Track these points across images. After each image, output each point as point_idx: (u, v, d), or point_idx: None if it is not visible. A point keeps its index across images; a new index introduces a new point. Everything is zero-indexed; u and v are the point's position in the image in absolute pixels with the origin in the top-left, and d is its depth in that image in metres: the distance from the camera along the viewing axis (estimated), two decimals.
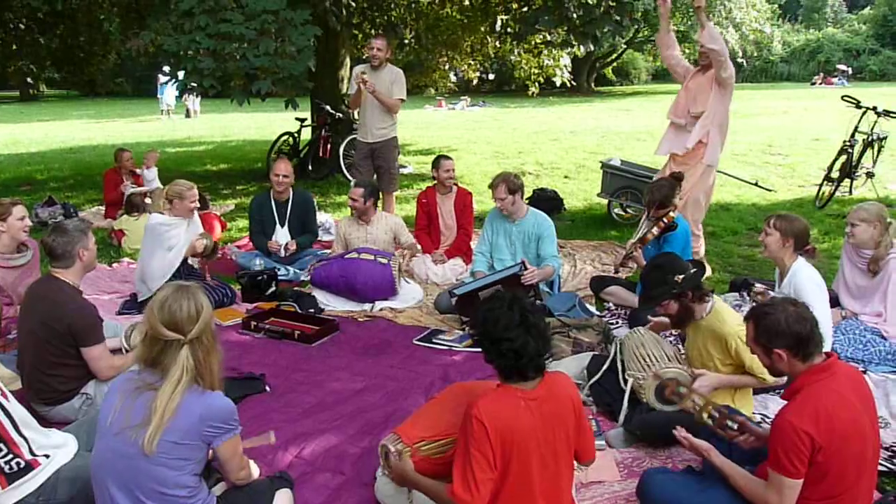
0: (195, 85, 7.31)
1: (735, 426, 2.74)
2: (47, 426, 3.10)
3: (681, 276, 3.29)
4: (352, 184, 5.97)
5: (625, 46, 33.95)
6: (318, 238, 6.80)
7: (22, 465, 2.77)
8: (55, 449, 2.91)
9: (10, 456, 2.75)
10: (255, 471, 2.72)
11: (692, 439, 2.77)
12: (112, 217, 8.05)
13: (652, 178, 7.13)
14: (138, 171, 8.37)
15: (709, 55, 5.48)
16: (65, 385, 3.57)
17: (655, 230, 4.80)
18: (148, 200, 7.62)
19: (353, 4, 11.43)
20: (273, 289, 5.65)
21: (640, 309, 4.29)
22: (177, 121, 23.20)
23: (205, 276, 5.70)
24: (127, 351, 3.85)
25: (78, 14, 11.66)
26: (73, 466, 2.85)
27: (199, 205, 5.56)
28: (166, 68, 7.65)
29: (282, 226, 6.28)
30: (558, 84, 14.10)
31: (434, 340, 4.70)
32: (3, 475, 2.74)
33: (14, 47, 12.14)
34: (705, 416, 2.81)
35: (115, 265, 6.65)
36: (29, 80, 20.41)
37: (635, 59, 38.74)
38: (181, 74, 7.44)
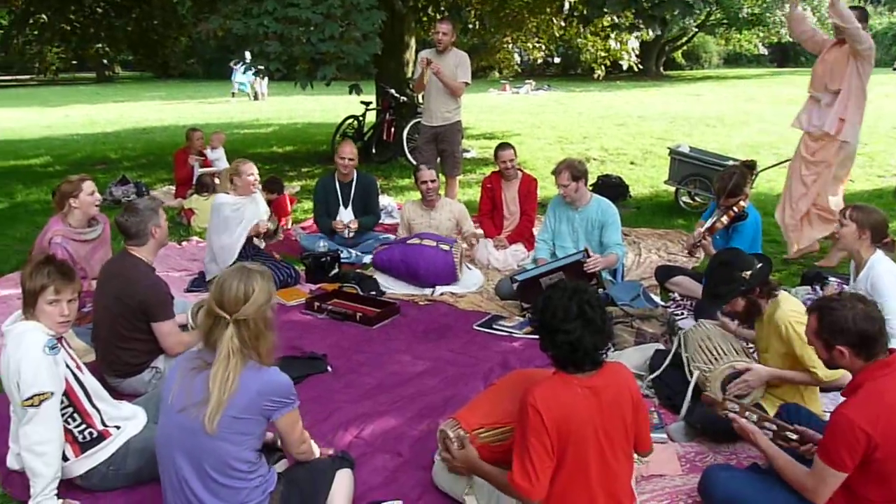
0: (262, 68, 7.42)
1: (795, 437, 2.66)
2: (118, 398, 3.22)
3: (748, 273, 3.20)
4: (421, 167, 5.95)
5: (696, 29, 33.02)
6: (381, 221, 6.87)
7: (94, 435, 2.90)
8: (125, 420, 3.03)
9: (84, 426, 2.87)
10: (315, 450, 2.77)
11: (740, 420, 2.72)
12: (182, 196, 8.28)
13: (722, 165, 6.97)
14: (206, 151, 8.58)
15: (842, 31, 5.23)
16: (136, 358, 3.69)
17: (725, 219, 4.67)
18: (217, 181, 7.81)
19: None
20: (336, 270, 5.72)
21: (706, 305, 4.18)
22: (246, 102, 23.69)
23: (272, 255, 5.81)
24: (193, 328, 3.95)
25: None
26: (142, 438, 2.97)
27: (258, 181, 5.66)
28: (247, 54, 7.77)
29: (345, 207, 6.34)
30: (625, 68, 13.83)
31: (494, 326, 4.69)
32: (77, 444, 2.87)
33: (92, 31, 12.56)
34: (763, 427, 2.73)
35: (184, 244, 6.84)
36: (105, 62, 21.09)
37: (706, 42, 37.68)
38: (248, 56, 7.56)
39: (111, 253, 4.79)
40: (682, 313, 4.84)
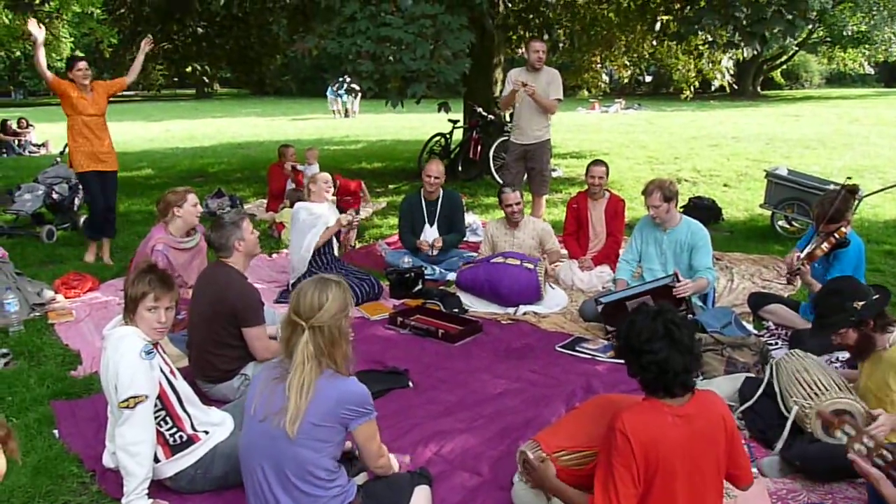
0: (355, 87, 7.61)
1: None
2: (208, 404, 3.33)
3: (860, 303, 3.05)
4: (505, 189, 5.97)
5: (796, 48, 31.89)
6: (465, 238, 6.90)
7: (184, 439, 3.00)
8: (214, 426, 3.12)
9: (175, 429, 2.98)
10: (394, 464, 2.79)
11: (862, 463, 2.55)
12: (274, 210, 8.55)
13: (822, 189, 6.70)
14: (300, 167, 8.85)
15: None
16: (227, 364, 3.81)
17: (825, 246, 4.47)
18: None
19: (510, 5, 11.48)
20: (419, 287, 5.78)
21: (813, 336, 3.99)
22: (339, 119, 24.32)
23: (349, 264, 5.97)
24: None
25: (250, 17, 12.55)
26: (230, 444, 3.05)
27: (333, 190, 5.89)
28: (348, 78, 8.01)
29: (430, 225, 6.41)
30: (715, 87, 13.49)
31: (577, 348, 4.63)
32: (168, 446, 2.98)
33: (193, 49, 13.20)
34: (876, 459, 2.55)
35: (274, 256, 7.05)
36: (204, 79, 22.13)
37: (807, 61, 36.38)
38: (345, 77, 7.77)
39: (206, 262, 5.00)
40: (777, 343, 4.66)
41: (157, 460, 2.94)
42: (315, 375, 2.44)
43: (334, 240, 5.88)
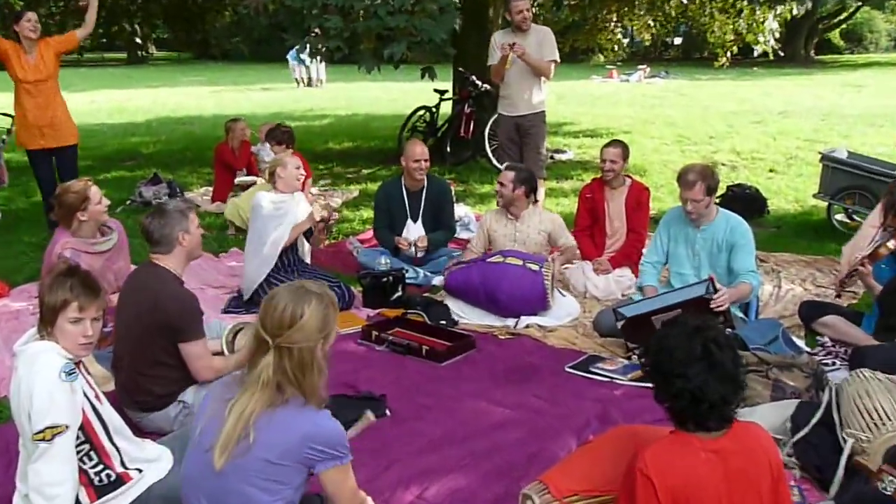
0: (320, 48, 7.59)
1: None
2: (140, 436, 3.32)
3: None
4: (502, 168, 6.03)
5: (859, 3, 32.05)
6: (456, 235, 6.93)
7: (112, 478, 2.98)
8: (148, 463, 3.11)
9: (101, 467, 2.96)
10: None
11: None
12: (222, 200, 8.54)
13: (891, 176, 6.73)
14: (253, 148, 8.83)
15: None
16: (162, 388, 3.81)
17: (892, 244, 4.52)
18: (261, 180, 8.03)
19: None
20: (399, 293, 5.79)
21: (878, 341, 4.03)
22: (302, 89, 24.28)
23: (315, 268, 6.00)
24: (230, 355, 4.05)
25: None
26: (167, 484, 3.04)
27: (303, 176, 5.91)
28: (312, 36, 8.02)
29: (413, 220, 6.44)
30: (757, 53, 13.54)
31: (591, 369, 4.65)
32: (93, 487, 2.95)
33: (122, 2, 13.05)
34: None
35: (222, 256, 7.06)
36: (137, 40, 22.02)
37: (873, 19, 36.52)
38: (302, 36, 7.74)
39: (130, 264, 4.98)
40: (834, 363, 4.67)
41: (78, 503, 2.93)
42: (264, 404, 2.43)
43: (303, 240, 5.93)
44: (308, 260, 6.09)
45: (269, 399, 2.44)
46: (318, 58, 10.39)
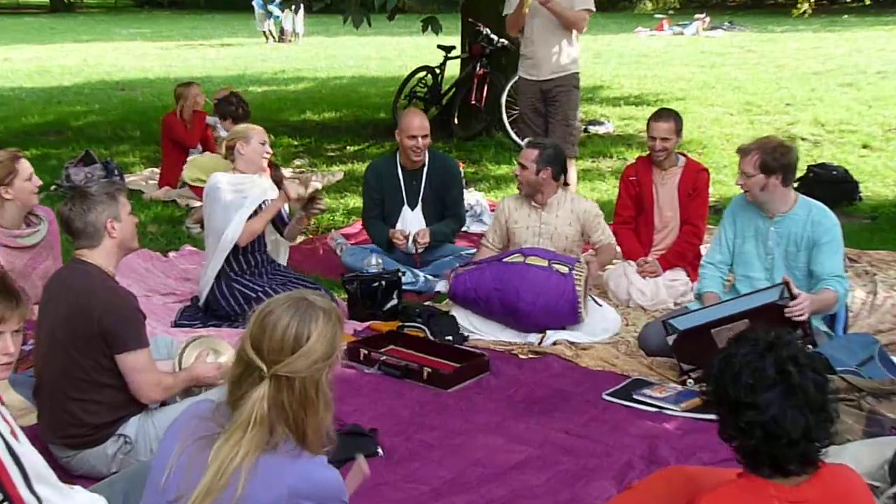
0: None
1: None
2: (68, 481, 3.29)
3: None
4: (523, 144, 6.02)
5: None
6: (465, 228, 6.96)
7: None
8: None
9: None
10: None
11: None
12: (170, 185, 8.54)
13: None
14: (210, 119, 8.82)
15: None
16: (96, 417, 3.77)
17: None
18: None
19: None
20: (394, 302, 5.81)
21: None
22: (272, 45, 24.30)
23: (289, 270, 6.00)
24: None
25: None
26: None
27: (269, 154, 5.90)
28: None
29: (412, 207, 6.46)
30: None
31: (636, 397, 4.64)
32: None
33: None
34: None
35: (172, 255, 7.06)
36: None
37: None
38: None
39: (62, 263, 4.97)
40: None
41: None
42: (259, 448, 2.40)
43: (276, 237, 5.97)
44: (283, 261, 6.10)
45: (260, 442, 2.41)
46: (293, 7, 10.36)
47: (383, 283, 5.81)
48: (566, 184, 6.09)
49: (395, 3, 7.37)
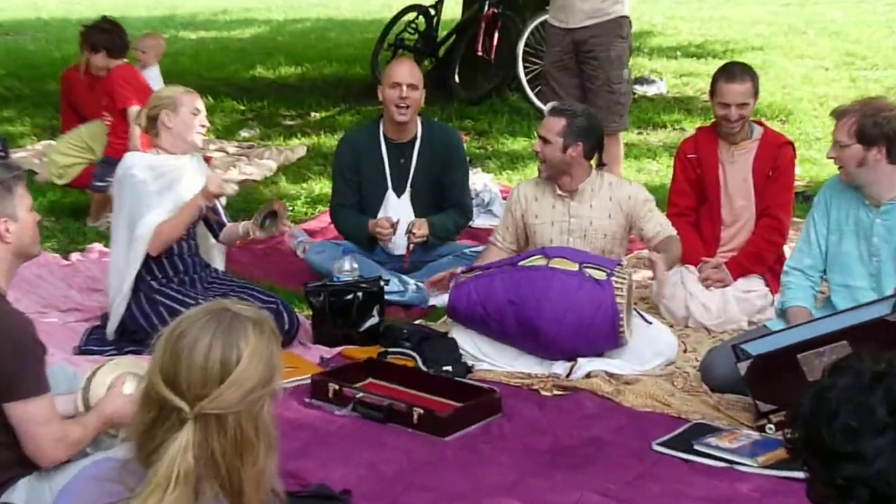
0: None
1: None
2: None
3: None
4: (545, 110, 6.01)
5: None
6: (471, 221, 6.98)
7: None
8: None
9: None
10: None
11: None
12: None
13: None
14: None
15: None
16: None
17: None
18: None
19: None
20: (375, 320, 5.82)
21: None
22: None
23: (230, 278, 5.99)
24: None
25: None
26: None
27: (205, 126, 5.91)
28: None
29: (398, 193, 6.48)
30: None
31: (697, 447, 4.64)
32: None
33: None
34: None
35: (76, 258, 7.05)
36: None
37: None
38: None
39: None
40: None
41: None
42: None
43: (207, 236, 5.98)
44: (221, 265, 6.09)
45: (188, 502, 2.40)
46: None
47: (360, 294, 5.81)
48: (601, 164, 6.04)
49: None
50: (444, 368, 5.39)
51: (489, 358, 5.53)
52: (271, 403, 2.49)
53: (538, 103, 9.55)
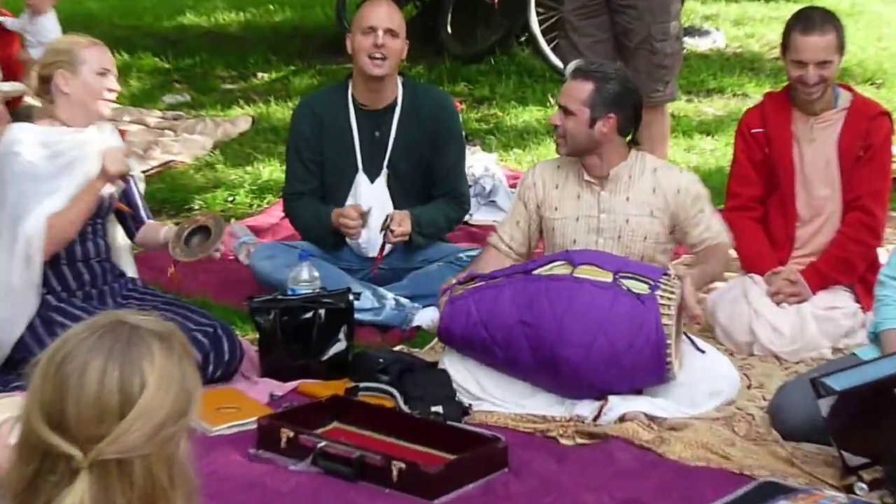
0: None
1: None
2: None
3: None
4: (566, 71, 6.00)
5: None
6: (468, 215, 7.03)
7: None
8: None
9: None
10: None
11: None
12: None
13: None
14: (11, 22, 8.82)
15: None
16: None
17: None
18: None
19: None
20: (341, 346, 5.83)
21: None
22: None
23: (175, 288, 5.97)
24: None
25: None
26: None
27: (115, 90, 5.86)
28: None
29: (371, 176, 6.51)
30: None
31: None
32: None
33: None
34: None
35: None
36: None
37: None
38: None
39: None
40: None
41: None
42: None
43: (115, 232, 5.97)
44: (131, 271, 6.08)
45: None
46: None
47: (322, 312, 5.81)
48: (636, 142, 6.02)
49: None
50: (433, 409, 5.35)
51: (492, 395, 5.51)
52: (188, 442, 2.48)
53: (555, 61, 9.60)
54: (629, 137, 5.95)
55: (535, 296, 5.44)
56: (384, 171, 6.49)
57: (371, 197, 6.43)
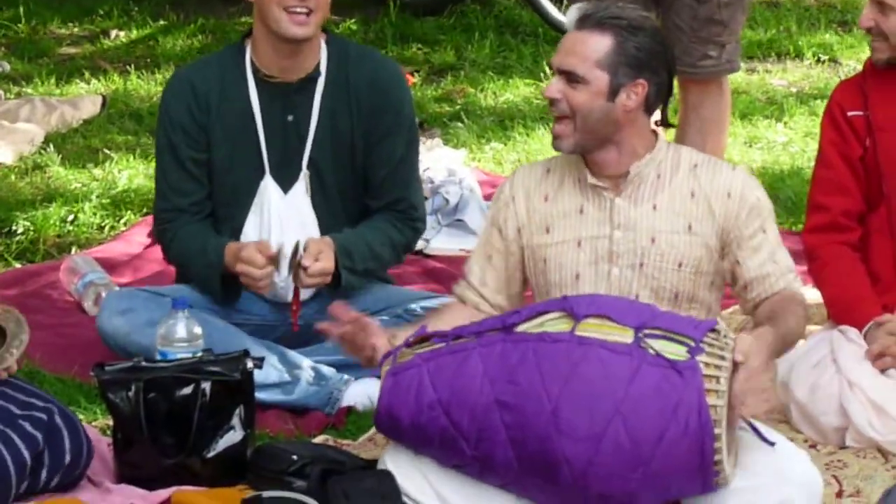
0: None
1: None
2: None
3: None
4: (566, 20, 5.98)
5: None
6: (426, 241, 7.19)
7: None
8: None
9: None
10: None
11: None
12: None
13: None
14: None
15: None
16: None
17: None
18: None
19: None
20: (237, 436, 5.83)
21: None
22: None
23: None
24: None
25: None
26: None
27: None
28: None
29: (284, 180, 6.55)
30: None
31: None
32: None
33: None
34: None
35: None
36: None
37: None
38: None
39: None
40: None
41: None
42: None
43: None
44: None
45: None
46: None
47: (206, 386, 5.82)
48: (665, 124, 5.92)
49: None
50: None
51: None
52: None
53: (554, 12, 9.64)
54: (656, 120, 5.85)
55: (518, 365, 5.37)
56: (303, 174, 6.51)
57: (285, 214, 6.46)
